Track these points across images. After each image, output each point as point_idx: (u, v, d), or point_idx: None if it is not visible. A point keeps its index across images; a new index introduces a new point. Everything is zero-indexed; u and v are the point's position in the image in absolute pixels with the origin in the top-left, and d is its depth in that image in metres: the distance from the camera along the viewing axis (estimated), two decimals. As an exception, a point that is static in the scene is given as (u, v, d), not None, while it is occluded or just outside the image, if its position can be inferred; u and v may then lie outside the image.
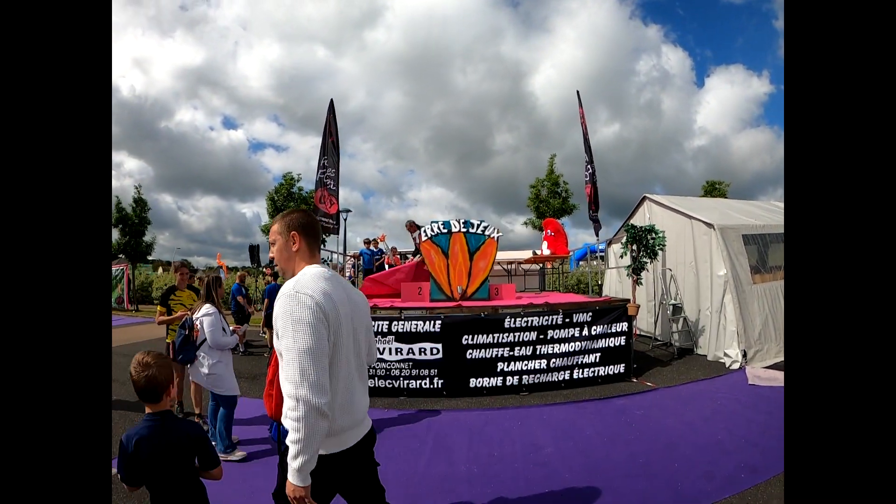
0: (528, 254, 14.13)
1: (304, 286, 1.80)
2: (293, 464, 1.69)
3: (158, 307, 5.54)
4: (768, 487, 3.48)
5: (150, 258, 26.35)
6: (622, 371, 6.94)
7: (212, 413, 4.44)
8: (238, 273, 13.77)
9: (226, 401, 4.37)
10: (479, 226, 7.92)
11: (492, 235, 7.91)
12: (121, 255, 24.36)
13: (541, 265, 14.20)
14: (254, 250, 16.47)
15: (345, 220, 21.98)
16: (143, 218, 23.84)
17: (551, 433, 4.83)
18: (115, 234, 23.51)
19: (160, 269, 36.76)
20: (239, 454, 4.33)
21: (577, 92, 9.29)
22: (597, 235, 9.10)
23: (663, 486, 3.58)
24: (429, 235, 7.93)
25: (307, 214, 2.08)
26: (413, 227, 10.30)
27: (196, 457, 2.22)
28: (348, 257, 12.61)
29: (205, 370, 4.36)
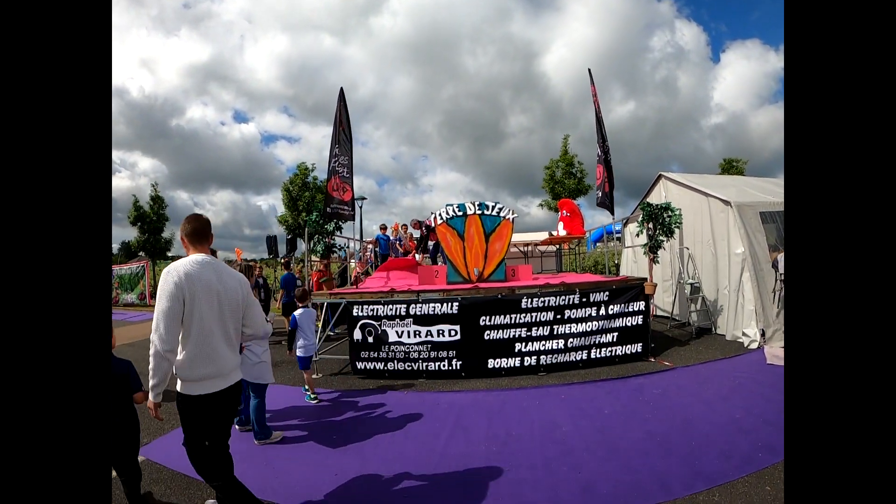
0: (543, 235, 14.10)
1: (173, 267, 2.56)
2: (150, 382, 2.50)
3: None
4: (786, 466, 3.50)
5: (169, 254, 26.96)
6: (639, 350, 6.96)
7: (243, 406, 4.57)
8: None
9: (262, 390, 4.43)
10: (494, 207, 7.92)
11: (507, 217, 7.92)
12: (141, 253, 24.92)
13: (557, 246, 14.19)
14: (271, 241, 16.39)
15: (360, 207, 22.11)
16: (161, 215, 24.43)
17: (569, 412, 4.89)
18: (135, 232, 24.19)
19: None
20: (277, 434, 4.49)
21: (589, 70, 9.15)
22: (612, 213, 9.02)
23: (680, 465, 3.62)
24: (444, 218, 7.95)
25: (188, 222, 2.78)
26: (417, 224, 10.74)
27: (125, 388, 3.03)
28: (366, 243, 12.72)
29: (257, 360, 4.36)
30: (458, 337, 6.54)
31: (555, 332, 6.64)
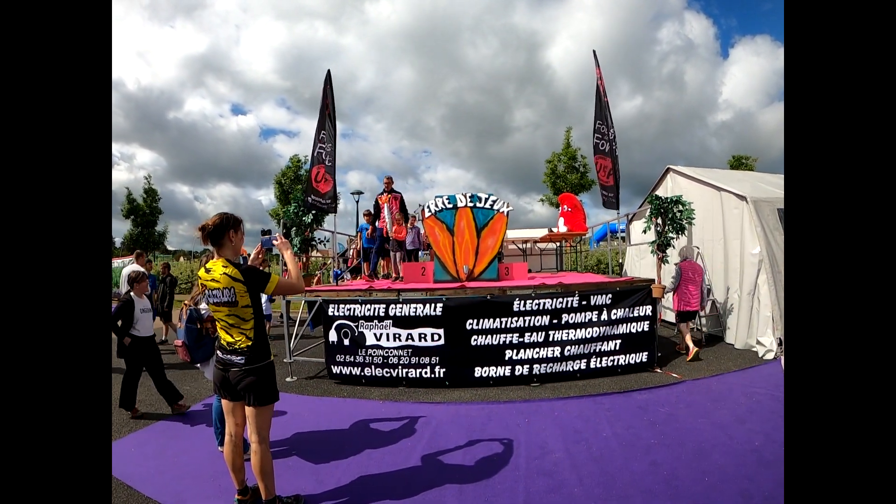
0: (543, 232, 13.36)
1: None
2: None
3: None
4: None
5: (170, 249, 26.58)
6: (645, 360, 6.28)
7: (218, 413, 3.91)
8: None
9: None
10: (486, 200, 7.23)
11: (501, 210, 7.22)
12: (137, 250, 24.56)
13: (557, 244, 13.49)
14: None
15: (357, 201, 21.46)
16: (155, 208, 23.99)
17: (562, 434, 4.23)
18: (128, 225, 23.72)
19: (181, 259, 36.74)
20: None
21: (594, 52, 8.40)
22: (617, 207, 8.26)
23: (692, 508, 2.96)
24: (433, 211, 7.28)
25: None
26: (388, 181, 9.48)
27: None
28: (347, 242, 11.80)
29: None
30: (441, 342, 5.88)
31: (550, 339, 5.97)
